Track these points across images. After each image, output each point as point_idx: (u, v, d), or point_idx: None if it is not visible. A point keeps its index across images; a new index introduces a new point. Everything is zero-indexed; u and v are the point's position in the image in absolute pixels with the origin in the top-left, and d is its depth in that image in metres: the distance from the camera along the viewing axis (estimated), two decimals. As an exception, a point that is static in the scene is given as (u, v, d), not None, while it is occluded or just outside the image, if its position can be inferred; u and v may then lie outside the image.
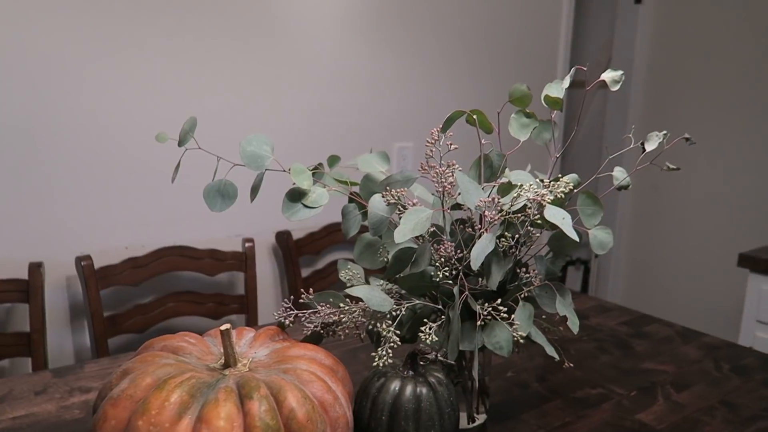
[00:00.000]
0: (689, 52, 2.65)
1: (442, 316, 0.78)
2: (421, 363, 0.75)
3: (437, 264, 0.77)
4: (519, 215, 0.75)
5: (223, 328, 0.67)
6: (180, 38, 1.62)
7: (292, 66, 1.83)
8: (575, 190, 0.79)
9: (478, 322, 0.73)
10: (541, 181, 0.78)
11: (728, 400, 0.98)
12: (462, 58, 2.19)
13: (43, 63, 1.45)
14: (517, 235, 0.76)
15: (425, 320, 0.75)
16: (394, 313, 0.76)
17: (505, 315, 0.73)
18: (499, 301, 0.73)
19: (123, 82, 1.56)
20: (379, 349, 0.73)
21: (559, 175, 0.77)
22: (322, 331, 0.80)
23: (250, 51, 1.74)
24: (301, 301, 0.79)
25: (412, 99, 2.09)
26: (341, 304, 0.79)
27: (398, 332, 0.74)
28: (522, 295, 0.76)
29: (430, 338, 0.72)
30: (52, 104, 1.48)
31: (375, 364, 0.72)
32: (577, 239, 0.70)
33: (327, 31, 1.87)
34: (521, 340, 0.72)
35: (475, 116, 0.82)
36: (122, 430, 0.59)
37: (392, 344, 0.73)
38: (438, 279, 0.75)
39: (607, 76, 0.78)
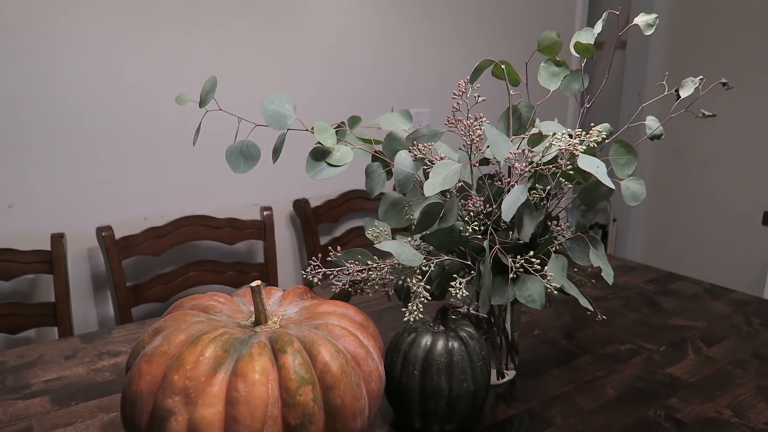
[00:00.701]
0: (709, 9, 2.57)
1: (471, 272, 0.76)
2: (453, 317, 0.74)
3: (465, 219, 0.75)
4: (550, 166, 0.73)
5: (254, 284, 0.66)
6: (197, 2, 1.59)
7: (309, 33, 1.79)
8: (607, 140, 0.77)
9: (510, 275, 0.72)
10: (572, 133, 0.75)
11: (760, 353, 0.96)
12: (475, 18, 2.14)
13: (60, 35, 1.44)
14: (548, 187, 0.74)
15: (455, 276, 0.74)
16: (423, 269, 0.75)
17: (537, 267, 0.71)
18: (531, 253, 0.72)
19: (140, 50, 1.54)
20: (410, 304, 0.72)
21: (592, 124, 0.75)
22: (350, 289, 0.79)
23: (268, 16, 1.71)
24: (329, 260, 0.79)
25: (427, 64, 2.06)
26: (369, 261, 0.78)
27: (428, 287, 0.73)
28: (554, 248, 0.75)
29: (461, 293, 0.71)
30: (69, 76, 1.47)
31: (405, 319, 0.71)
32: (612, 186, 0.68)
33: (339, -6, 1.83)
34: (555, 292, 0.70)
35: (503, 66, 0.79)
36: (157, 385, 0.59)
37: (422, 299, 0.72)
38: (467, 234, 0.74)
39: (641, 20, 0.75)
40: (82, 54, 1.48)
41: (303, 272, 0.78)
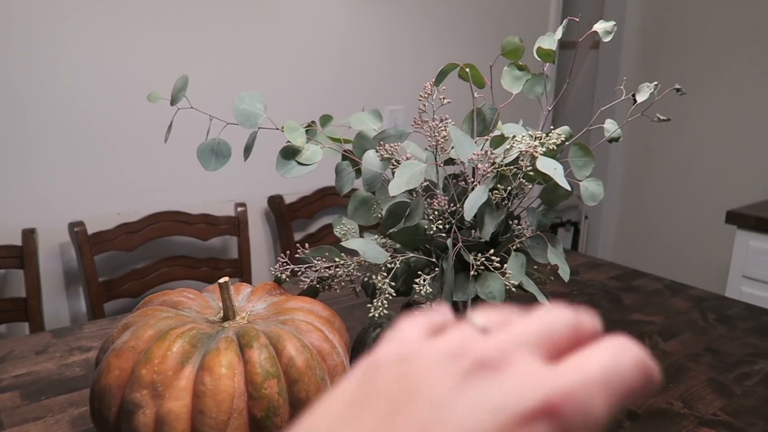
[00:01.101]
0: (681, 10, 2.63)
1: (436, 269, 0.79)
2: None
3: (431, 218, 0.78)
4: (511, 167, 0.76)
5: (221, 281, 0.68)
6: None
7: (282, 31, 1.80)
8: (567, 143, 0.80)
9: (471, 273, 0.75)
10: (533, 135, 0.78)
11: (713, 347, 1.01)
12: (450, 17, 2.16)
13: (32, 27, 1.43)
14: (509, 188, 0.77)
15: (419, 273, 0.76)
16: (389, 266, 0.77)
17: (497, 265, 0.74)
18: (491, 251, 0.75)
19: (113, 46, 1.54)
20: (375, 300, 0.74)
21: (552, 127, 0.78)
22: (318, 285, 0.81)
23: (240, 12, 1.71)
24: (297, 256, 0.81)
25: (402, 62, 2.08)
26: (337, 258, 0.80)
27: (393, 284, 0.75)
28: (514, 246, 0.78)
29: (425, 290, 0.74)
30: (41, 69, 1.46)
31: (371, 315, 0.73)
32: (569, 189, 0.71)
33: (315, -8, 1.84)
34: (513, 289, 0.73)
35: (467, 69, 0.82)
36: (126, 379, 0.60)
37: (387, 296, 0.74)
38: (432, 232, 0.77)
39: (600, 27, 0.78)
40: (54, 48, 1.47)
41: (271, 269, 0.80)
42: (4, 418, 0.76)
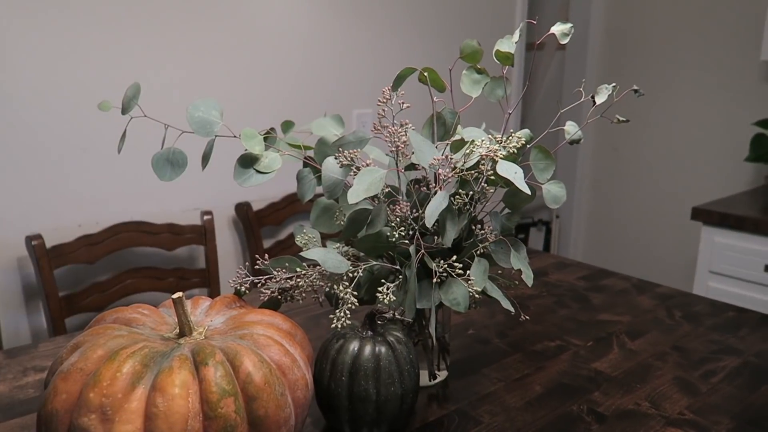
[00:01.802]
0: (644, 12, 2.67)
1: (400, 276, 0.78)
2: (379, 322, 0.75)
3: (393, 224, 0.76)
4: (473, 172, 0.75)
5: (175, 296, 0.65)
6: (124, 4, 1.55)
7: (242, 32, 1.77)
8: (528, 146, 0.80)
9: (435, 280, 0.74)
10: (493, 138, 0.77)
11: (680, 345, 1.01)
12: (413, 18, 2.16)
13: (-23, 33, 1.38)
14: (471, 192, 0.76)
15: (383, 281, 0.75)
16: (351, 275, 0.75)
17: (460, 271, 0.73)
18: (454, 258, 0.74)
19: (67, 53, 1.50)
20: (337, 310, 0.72)
21: (512, 131, 0.77)
22: (279, 297, 0.79)
23: (197, 16, 1.68)
24: (257, 267, 0.78)
25: (367, 64, 2.06)
26: (298, 269, 0.78)
27: (356, 293, 0.74)
28: (477, 252, 0.77)
29: (388, 298, 0.72)
30: (-10, 77, 1.41)
31: (333, 325, 0.72)
32: (529, 192, 0.71)
33: (278, -4, 1.82)
34: (477, 295, 0.72)
35: (426, 73, 0.81)
36: (74, 403, 0.58)
37: (350, 305, 0.73)
38: (394, 239, 0.75)
39: (557, 29, 0.78)
40: (11, 54, 1.42)
41: (230, 281, 0.78)
42: (-51, 447, 0.72)
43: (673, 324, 1.10)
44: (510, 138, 0.76)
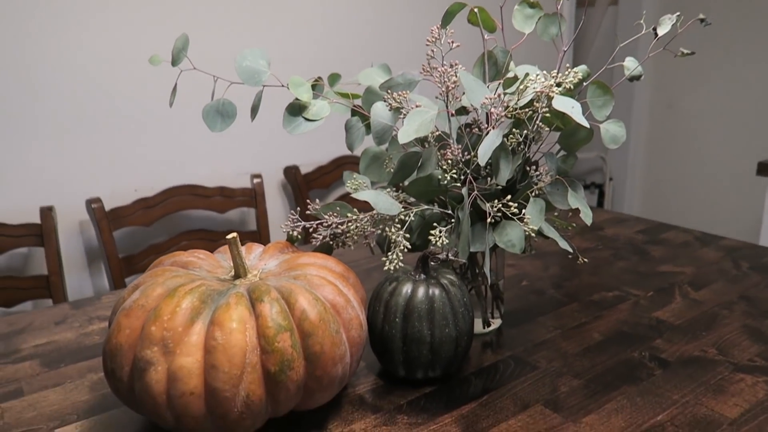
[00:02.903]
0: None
1: (452, 221, 0.76)
2: (432, 264, 0.74)
3: (444, 168, 0.75)
4: (526, 110, 0.72)
5: (229, 236, 0.66)
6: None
7: (288, -7, 1.76)
8: (585, 83, 0.76)
9: (489, 220, 0.72)
10: (548, 75, 0.74)
11: (747, 294, 0.97)
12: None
13: (43, 11, 1.41)
14: (525, 132, 0.74)
15: (435, 225, 0.74)
16: (402, 218, 0.74)
17: (515, 211, 0.71)
18: (509, 197, 0.72)
19: (121, 22, 1.52)
20: (389, 253, 0.72)
21: (567, 65, 0.74)
22: (331, 242, 0.79)
23: (243, -21, 1.68)
24: (308, 212, 0.78)
25: (413, 22, 2.02)
26: (349, 213, 0.78)
27: (407, 236, 0.73)
28: (533, 193, 0.74)
29: (441, 240, 0.71)
30: (53, 47, 1.45)
31: (386, 268, 0.71)
32: (588, 125, 0.68)
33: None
34: (533, 235, 0.70)
35: (476, 10, 0.78)
36: (137, 338, 0.59)
37: (402, 248, 0.72)
38: (446, 182, 0.73)
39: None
40: (63, 27, 1.46)
41: (282, 226, 0.78)
42: (24, 386, 0.76)
43: (740, 274, 1.05)
44: (566, 73, 0.73)
